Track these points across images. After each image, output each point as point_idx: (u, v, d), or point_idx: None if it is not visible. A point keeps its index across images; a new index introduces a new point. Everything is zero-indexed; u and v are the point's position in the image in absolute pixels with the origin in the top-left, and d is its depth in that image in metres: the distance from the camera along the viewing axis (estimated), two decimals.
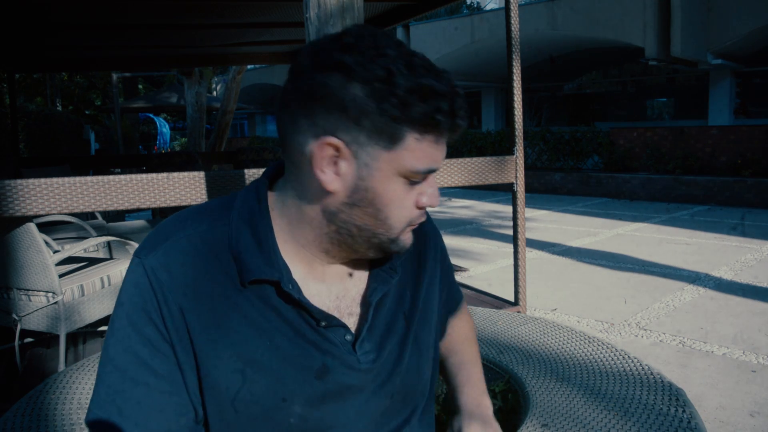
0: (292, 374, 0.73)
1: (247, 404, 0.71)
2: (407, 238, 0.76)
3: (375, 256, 0.77)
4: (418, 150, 0.68)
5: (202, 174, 2.42)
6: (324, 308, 0.75)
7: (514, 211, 3.28)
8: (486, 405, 0.94)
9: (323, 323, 0.74)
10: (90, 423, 0.70)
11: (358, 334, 0.77)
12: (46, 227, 4.14)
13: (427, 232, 0.91)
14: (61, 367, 2.72)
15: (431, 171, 0.71)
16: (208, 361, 0.71)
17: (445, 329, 1.01)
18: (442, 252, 0.95)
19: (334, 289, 0.78)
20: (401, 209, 0.72)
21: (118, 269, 3.01)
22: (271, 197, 0.76)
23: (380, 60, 0.65)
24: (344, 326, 0.76)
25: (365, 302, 0.79)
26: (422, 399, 0.88)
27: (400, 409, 0.83)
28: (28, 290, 2.64)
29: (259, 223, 0.74)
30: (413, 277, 0.86)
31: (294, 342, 0.73)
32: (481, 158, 3.08)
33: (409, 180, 0.70)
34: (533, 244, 6.36)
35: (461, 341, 1.03)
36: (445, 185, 2.93)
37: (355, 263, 0.80)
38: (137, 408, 0.69)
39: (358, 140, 0.66)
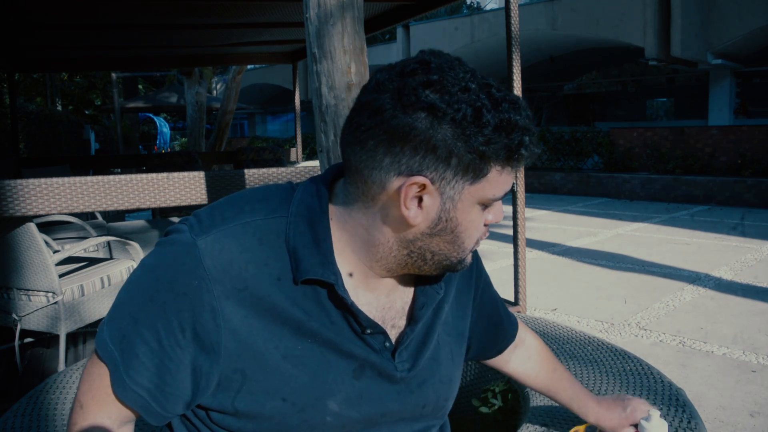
0: (332, 373, 0.74)
1: (288, 394, 0.72)
2: (470, 257, 0.79)
3: (436, 274, 0.78)
4: (499, 180, 0.70)
5: (202, 174, 2.42)
6: (371, 317, 0.76)
7: (514, 211, 3.28)
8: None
9: (369, 330, 0.75)
10: (96, 349, 0.74)
11: (398, 344, 0.79)
12: (46, 227, 4.14)
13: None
14: (61, 367, 2.72)
15: (506, 194, 0.73)
16: (239, 353, 0.70)
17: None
18: (478, 269, 0.99)
19: (381, 301, 0.79)
20: (476, 232, 0.74)
21: (118, 269, 3.01)
22: (331, 206, 0.76)
23: (466, 97, 0.65)
24: (384, 333, 0.77)
25: (411, 315, 0.81)
26: (448, 411, 0.90)
27: (431, 419, 0.85)
28: (28, 290, 2.63)
29: (318, 224, 0.73)
30: (450, 290, 0.88)
31: (336, 342, 0.74)
32: None
33: (485, 205, 0.73)
34: (533, 244, 6.36)
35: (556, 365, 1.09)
36: None
37: (403, 278, 0.81)
38: (139, 363, 0.71)
39: (445, 177, 0.67)
